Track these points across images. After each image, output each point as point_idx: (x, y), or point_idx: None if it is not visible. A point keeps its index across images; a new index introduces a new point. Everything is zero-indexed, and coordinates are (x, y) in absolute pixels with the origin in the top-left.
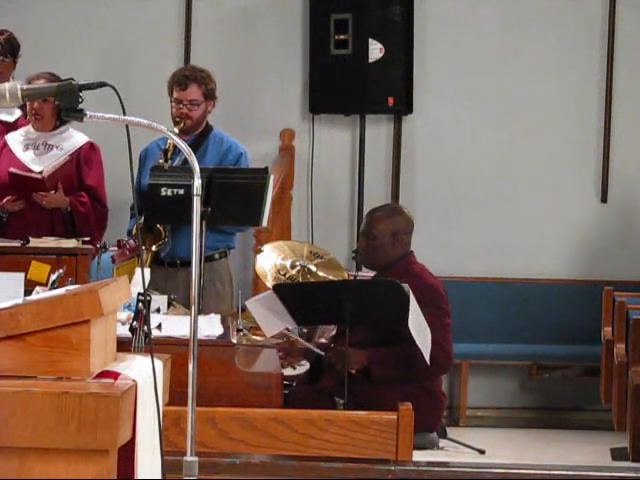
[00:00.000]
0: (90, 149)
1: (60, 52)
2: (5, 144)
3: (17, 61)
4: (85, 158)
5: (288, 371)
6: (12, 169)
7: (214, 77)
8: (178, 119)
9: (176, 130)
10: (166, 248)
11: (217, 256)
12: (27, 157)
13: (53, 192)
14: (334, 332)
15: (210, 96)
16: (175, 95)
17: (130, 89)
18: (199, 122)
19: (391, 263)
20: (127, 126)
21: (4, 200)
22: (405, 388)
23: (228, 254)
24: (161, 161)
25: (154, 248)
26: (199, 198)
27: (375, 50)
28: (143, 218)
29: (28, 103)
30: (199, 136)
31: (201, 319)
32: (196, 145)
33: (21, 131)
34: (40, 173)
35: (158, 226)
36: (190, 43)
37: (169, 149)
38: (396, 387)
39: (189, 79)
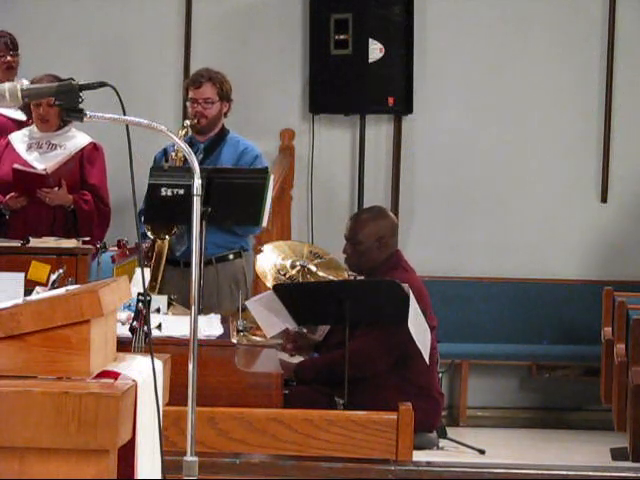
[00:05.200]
0: (93, 149)
1: (60, 52)
2: (8, 143)
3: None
4: (88, 158)
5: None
6: (16, 165)
7: (229, 80)
8: (192, 117)
9: (188, 122)
10: (182, 248)
11: (231, 256)
12: (30, 156)
13: (57, 189)
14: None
15: (225, 97)
16: (190, 94)
17: (130, 89)
18: (214, 122)
19: (378, 265)
20: (127, 126)
21: (7, 197)
22: (402, 388)
23: (243, 255)
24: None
25: (169, 237)
26: (199, 198)
27: (375, 50)
28: (143, 218)
29: (33, 108)
30: (215, 138)
31: (201, 319)
32: (212, 147)
33: (25, 130)
34: (44, 170)
35: None
36: (190, 43)
37: (177, 153)
38: (392, 387)
39: (203, 77)
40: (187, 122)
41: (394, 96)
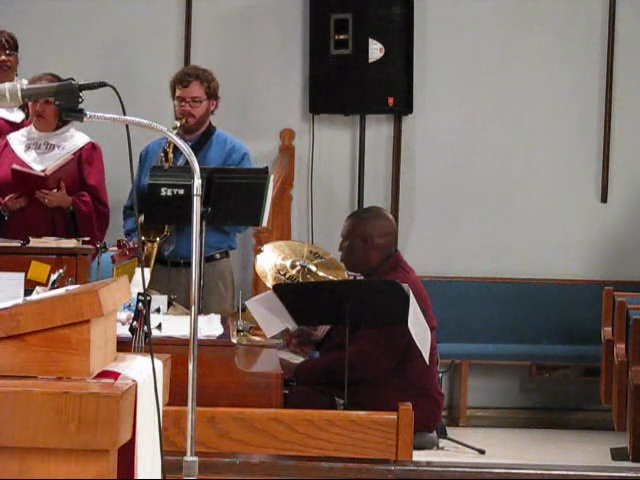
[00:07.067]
0: (92, 149)
1: (60, 52)
2: (7, 144)
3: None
4: (87, 158)
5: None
6: (15, 166)
7: (216, 77)
8: (181, 116)
9: (178, 123)
10: (170, 247)
11: (218, 256)
12: (29, 157)
13: (56, 190)
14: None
15: (213, 95)
16: (178, 93)
17: (130, 89)
18: (202, 120)
19: (377, 266)
20: (127, 126)
21: (6, 198)
22: (402, 388)
23: (230, 254)
24: (161, 162)
25: (159, 240)
26: (199, 198)
27: (375, 50)
28: (143, 218)
29: (31, 105)
30: (202, 136)
31: (201, 319)
32: (199, 145)
33: (23, 131)
34: (43, 171)
35: None
36: (190, 43)
37: (169, 149)
38: (392, 387)
39: (191, 76)
40: (177, 123)
41: (394, 96)
